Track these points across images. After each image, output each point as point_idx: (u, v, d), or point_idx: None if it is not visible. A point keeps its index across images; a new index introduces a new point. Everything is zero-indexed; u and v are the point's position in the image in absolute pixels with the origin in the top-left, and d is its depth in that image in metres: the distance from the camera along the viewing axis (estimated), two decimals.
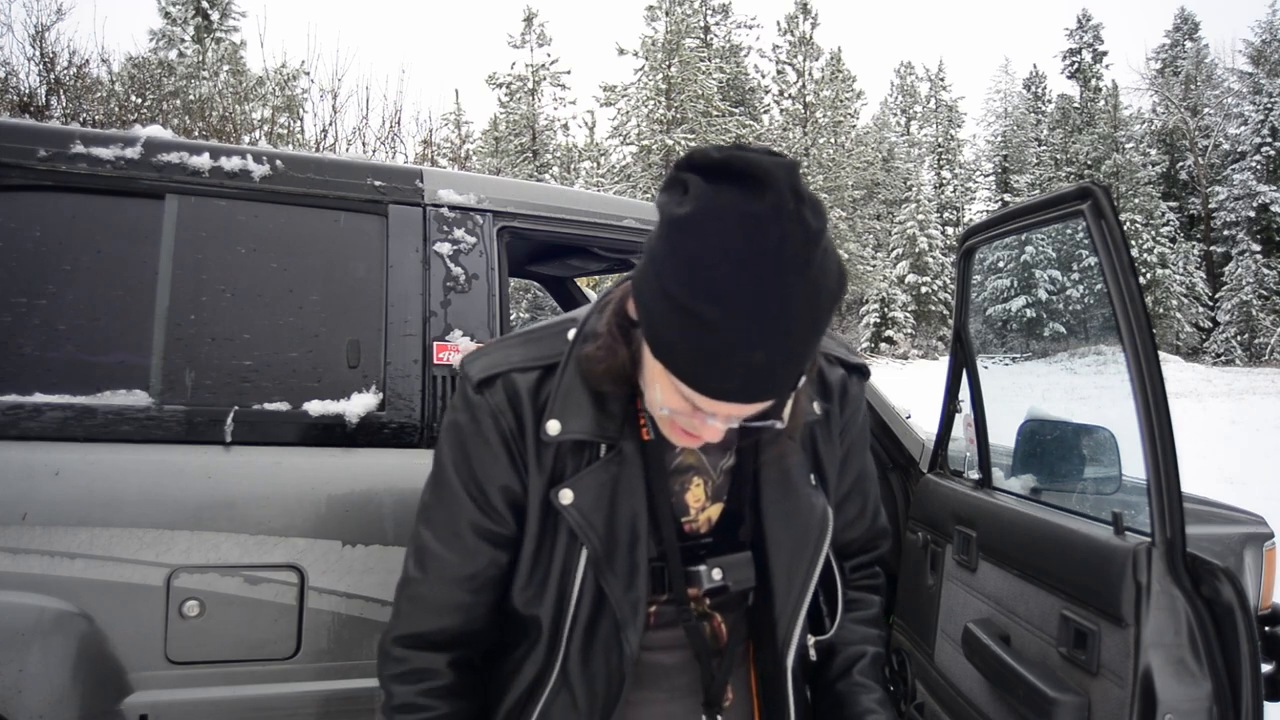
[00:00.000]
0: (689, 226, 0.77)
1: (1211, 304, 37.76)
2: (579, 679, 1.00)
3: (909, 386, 16.43)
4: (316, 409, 1.65)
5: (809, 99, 43.49)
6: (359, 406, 1.67)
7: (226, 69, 16.60)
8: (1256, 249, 36.76)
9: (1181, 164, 42.27)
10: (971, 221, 12.61)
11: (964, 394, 2.16)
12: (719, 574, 1.01)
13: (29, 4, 10.60)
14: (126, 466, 1.51)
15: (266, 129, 11.68)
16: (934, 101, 50.10)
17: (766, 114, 45.13)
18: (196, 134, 10.08)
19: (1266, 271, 36.35)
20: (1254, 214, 37.64)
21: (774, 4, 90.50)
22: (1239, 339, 35.81)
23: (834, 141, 43.03)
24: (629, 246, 2.10)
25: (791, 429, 0.99)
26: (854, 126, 45.39)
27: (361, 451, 1.66)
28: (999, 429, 2.07)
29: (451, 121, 37.55)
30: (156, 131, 1.77)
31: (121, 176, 1.64)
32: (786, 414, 0.94)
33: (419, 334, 1.76)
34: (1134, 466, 1.48)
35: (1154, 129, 43.69)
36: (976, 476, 2.06)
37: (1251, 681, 1.30)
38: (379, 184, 1.81)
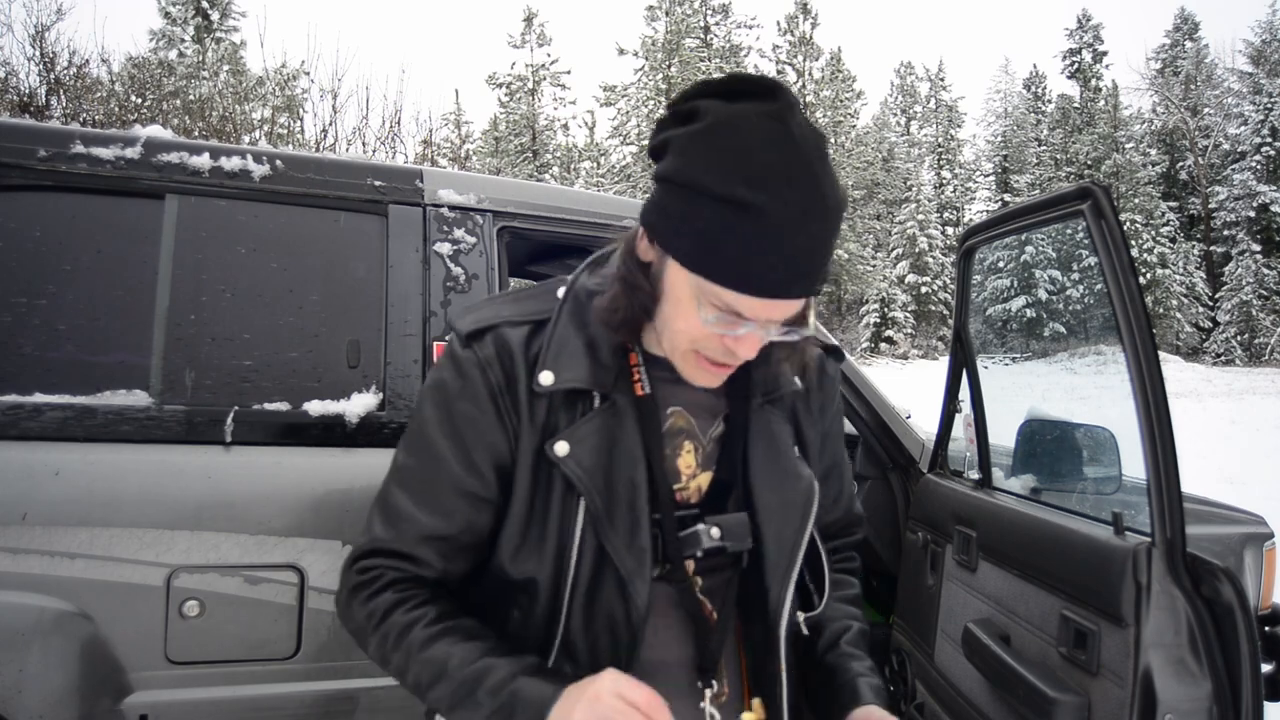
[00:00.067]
0: (719, 130, 0.83)
1: (1211, 304, 37.77)
2: (582, 642, 0.96)
3: (909, 386, 16.42)
4: (316, 409, 1.65)
5: (809, 99, 43.51)
6: (359, 406, 1.67)
7: (226, 69, 16.62)
8: (1256, 249, 36.78)
9: (1181, 164, 42.28)
10: (971, 221, 12.61)
11: (964, 394, 2.16)
12: (717, 533, 0.99)
13: (29, 4, 10.63)
14: (126, 466, 1.51)
15: (266, 129, 11.68)
16: (934, 101, 50.11)
17: None
18: (196, 134, 10.09)
19: (1266, 271, 36.36)
20: (1254, 214, 37.66)
21: (774, 4, 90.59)
22: (1239, 339, 35.82)
23: (834, 141, 43.02)
24: None
25: (796, 362, 1.03)
26: (854, 126, 45.43)
27: (361, 451, 1.66)
28: (999, 429, 2.07)
29: (451, 121, 37.60)
30: (156, 131, 1.77)
31: (121, 176, 1.64)
32: (810, 326, 0.96)
33: (419, 334, 1.76)
34: (1134, 466, 1.48)
35: (1154, 129, 43.71)
36: (976, 476, 2.06)
37: (1251, 681, 1.30)
38: (379, 184, 1.81)
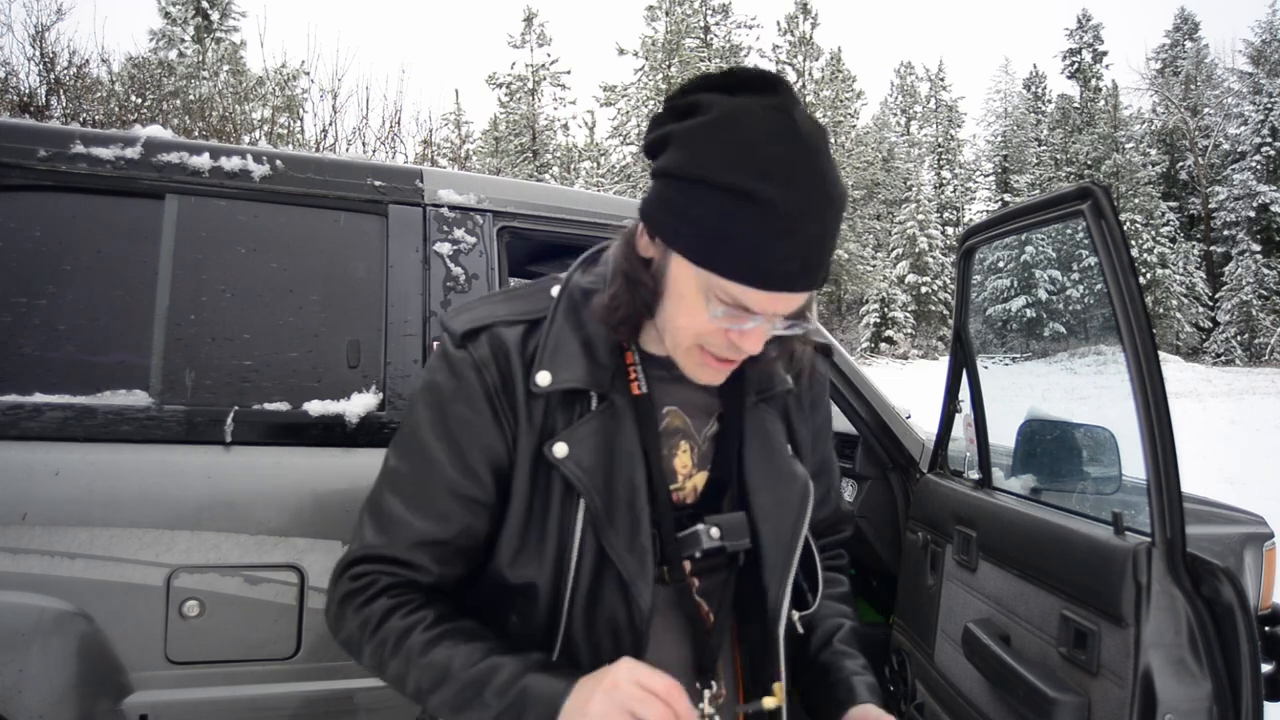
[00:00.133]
0: (724, 123, 0.83)
1: (1211, 304, 37.77)
2: (584, 646, 0.95)
3: (909, 386, 16.43)
4: (316, 409, 1.65)
5: (809, 99, 43.46)
6: (359, 406, 1.67)
7: (226, 69, 16.63)
8: (1256, 249, 36.78)
9: (1181, 164, 42.27)
10: (971, 221, 12.61)
11: (964, 394, 2.16)
12: (717, 533, 0.98)
13: (29, 4, 10.63)
14: (126, 466, 1.51)
15: (266, 129, 11.68)
16: (934, 101, 50.11)
17: None
18: (196, 134, 10.09)
19: (1266, 271, 36.36)
20: (1254, 214, 37.66)
21: (774, 4, 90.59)
22: (1239, 339, 35.82)
23: (834, 141, 42.79)
24: None
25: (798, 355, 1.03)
26: (854, 126, 45.42)
27: (361, 451, 1.66)
28: (999, 429, 2.08)
29: (451, 121, 37.59)
30: (156, 131, 1.77)
31: (121, 176, 1.64)
32: (812, 320, 0.97)
33: (419, 334, 1.76)
34: (1134, 466, 1.48)
35: (1154, 129, 43.71)
36: (976, 476, 2.06)
37: (1251, 681, 1.31)
38: (379, 184, 1.81)
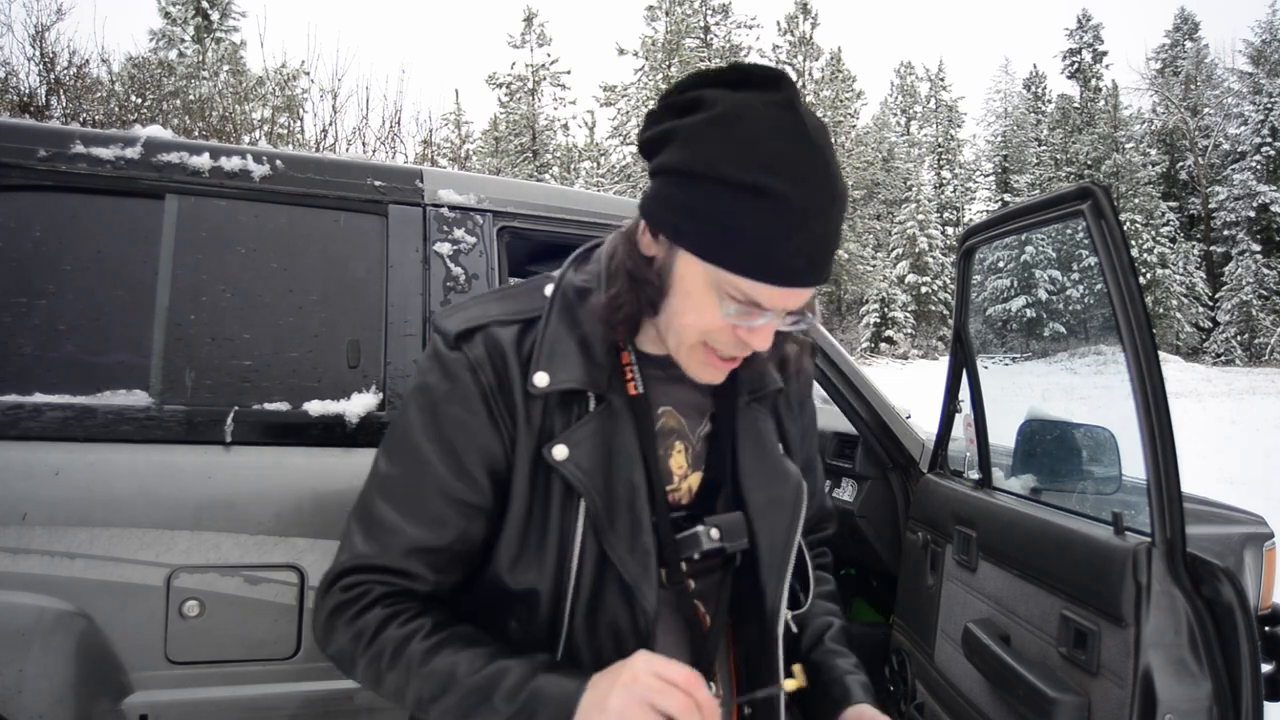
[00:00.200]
0: (729, 119, 0.82)
1: (1211, 304, 37.77)
2: (587, 651, 0.94)
3: (909, 386, 16.42)
4: (316, 409, 1.64)
5: (809, 99, 43.47)
6: (359, 406, 1.67)
7: (226, 69, 16.63)
8: (1256, 249, 36.78)
9: (1181, 164, 42.27)
10: (971, 221, 12.61)
11: (964, 394, 2.16)
12: (716, 533, 0.97)
13: (29, 4, 10.63)
14: (126, 466, 1.51)
15: (266, 129, 11.68)
16: (934, 101, 50.12)
17: None
18: (196, 134, 10.09)
19: (1266, 271, 36.36)
20: (1254, 214, 37.67)
21: (774, 4, 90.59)
22: (1239, 339, 35.82)
23: (834, 141, 42.90)
24: None
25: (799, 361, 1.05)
26: (854, 126, 45.43)
27: (361, 451, 1.65)
28: (999, 429, 2.07)
29: (451, 121, 37.60)
30: (156, 131, 1.77)
31: (121, 176, 1.64)
32: (816, 317, 0.98)
33: (419, 334, 1.76)
34: (1134, 466, 1.48)
35: (1154, 129, 43.71)
36: (976, 476, 2.06)
37: (1251, 681, 1.31)
38: (379, 184, 1.81)
